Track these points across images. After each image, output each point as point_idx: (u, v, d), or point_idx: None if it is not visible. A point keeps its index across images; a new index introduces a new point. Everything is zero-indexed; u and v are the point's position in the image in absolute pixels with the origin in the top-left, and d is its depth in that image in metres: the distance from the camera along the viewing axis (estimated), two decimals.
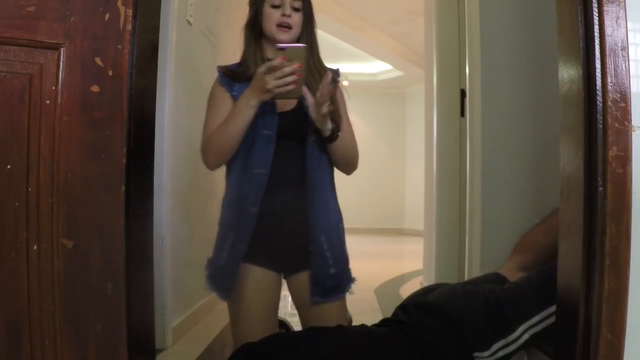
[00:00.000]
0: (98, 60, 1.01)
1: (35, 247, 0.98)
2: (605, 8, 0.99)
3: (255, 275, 1.46)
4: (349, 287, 1.51)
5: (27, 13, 0.99)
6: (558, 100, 1.12)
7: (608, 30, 0.99)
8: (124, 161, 1.01)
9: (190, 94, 2.49)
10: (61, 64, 1.00)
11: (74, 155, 1.00)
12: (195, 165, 2.63)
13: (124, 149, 1.01)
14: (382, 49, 6.29)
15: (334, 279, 1.47)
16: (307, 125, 1.43)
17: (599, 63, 0.99)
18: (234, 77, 1.48)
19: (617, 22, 0.99)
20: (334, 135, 1.40)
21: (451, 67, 2.68)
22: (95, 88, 1.01)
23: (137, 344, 1.06)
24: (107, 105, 1.01)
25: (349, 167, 1.52)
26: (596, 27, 1.00)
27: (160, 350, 2.11)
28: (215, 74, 1.53)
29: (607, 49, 0.99)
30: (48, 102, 0.99)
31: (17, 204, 0.98)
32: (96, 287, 1.00)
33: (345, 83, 1.56)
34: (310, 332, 1.34)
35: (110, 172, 1.01)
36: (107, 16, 1.01)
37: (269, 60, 1.39)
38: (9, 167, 0.97)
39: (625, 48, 0.99)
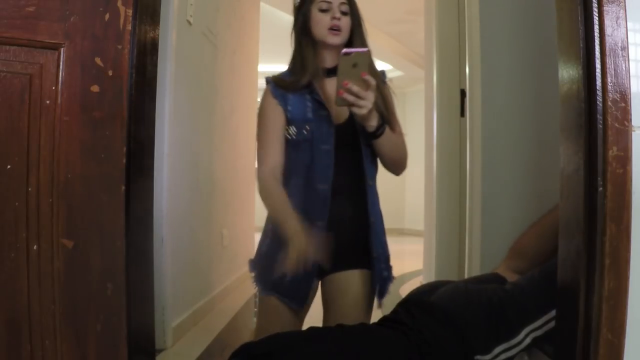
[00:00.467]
0: (98, 60, 1.01)
1: (35, 247, 0.98)
2: (605, 8, 0.99)
3: None
4: (390, 285, 1.56)
5: (27, 13, 0.99)
6: (558, 100, 1.12)
7: (608, 30, 0.99)
8: (124, 161, 1.01)
9: (190, 94, 2.49)
10: (61, 64, 1.00)
11: (74, 155, 1.00)
12: (195, 165, 2.63)
13: (124, 149, 1.01)
14: (382, 49, 6.29)
15: (385, 281, 1.53)
16: (361, 135, 1.44)
17: (599, 63, 0.99)
18: (287, 88, 1.48)
19: (617, 22, 0.99)
20: (378, 132, 1.39)
21: (451, 67, 2.68)
22: (95, 88, 1.00)
23: (137, 344, 1.06)
24: (107, 105, 1.01)
25: (397, 166, 1.52)
26: (596, 27, 1.00)
27: (160, 350, 2.11)
28: (215, 74, 1.54)
29: (607, 49, 0.99)
30: (48, 102, 0.99)
31: (17, 204, 0.98)
32: (96, 287, 1.00)
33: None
34: (311, 331, 1.33)
35: (110, 172, 1.00)
36: (107, 16, 1.01)
37: (325, 68, 1.41)
38: (9, 167, 0.97)
39: (625, 48, 0.99)
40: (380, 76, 1.53)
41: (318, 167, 1.44)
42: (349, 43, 1.49)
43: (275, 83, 1.50)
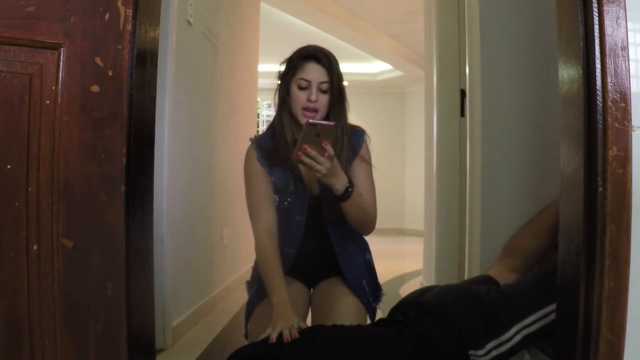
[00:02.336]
0: (98, 60, 1.01)
1: (35, 247, 0.98)
2: (605, 8, 0.99)
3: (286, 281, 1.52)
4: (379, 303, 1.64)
5: (27, 13, 0.99)
6: (558, 100, 1.12)
7: (608, 30, 0.99)
8: (124, 161, 1.01)
9: (190, 94, 2.49)
10: (61, 64, 1.00)
11: (74, 155, 1.00)
12: (195, 165, 2.63)
13: (124, 149, 1.01)
14: (382, 49, 6.29)
15: (374, 308, 1.60)
16: (327, 207, 1.50)
17: (599, 63, 0.99)
18: (270, 160, 1.52)
19: (617, 22, 0.99)
20: (344, 196, 1.41)
21: (451, 67, 2.68)
22: (95, 88, 1.01)
23: (137, 344, 1.06)
24: (107, 105, 1.01)
25: (362, 227, 1.54)
26: (596, 27, 1.00)
27: (160, 350, 2.11)
28: (215, 74, 1.54)
29: (607, 49, 0.99)
30: (48, 102, 0.99)
31: (17, 204, 0.98)
32: (96, 287, 1.00)
33: (345, 83, 1.56)
34: (306, 331, 1.34)
35: (110, 172, 1.01)
36: (107, 16, 1.01)
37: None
38: (9, 167, 0.97)
39: (625, 48, 0.99)
40: (354, 146, 1.54)
41: (289, 234, 1.53)
42: (326, 119, 1.50)
43: (261, 153, 1.53)
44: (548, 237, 1.71)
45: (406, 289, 3.33)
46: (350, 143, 1.53)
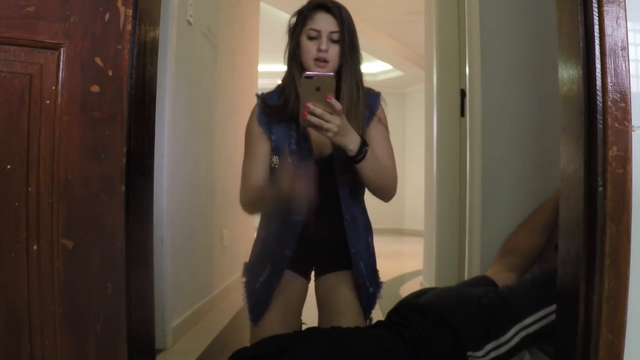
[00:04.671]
0: (98, 60, 1.01)
1: (35, 247, 0.98)
2: (605, 8, 0.99)
3: (286, 277, 1.49)
4: (378, 296, 1.57)
5: (27, 13, 0.99)
6: (558, 100, 1.12)
7: (608, 30, 0.99)
8: (124, 161, 1.01)
9: (190, 94, 2.49)
10: (61, 64, 1.00)
11: (74, 155, 1.00)
12: (195, 165, 2.63)
13: (124, 149, 1.01)
14: (382, 49, 6.29)
15: (371, 297, 1.53)
16: (340, 170, 1.43)
17: (599, 63, 0.99)
18: (273, 115, 1.45)
19: (617, 22, 0.99)
20: (358, 157, 1.33)
21: (451, 67, 2.68)
22: (95, 88, 1.01)
23: (137, 344, 1.06)
24: (107, 105, 1.01)
25: (383, 192, 1.46)
26: (596, 27, 1.00)
27: (160, 350, 2.11)
28: (215, 74, 1.54)
29: (607, 49, 0.99)
30: (48, 102, 0.99)
31: (17, 204, 0.98)
32: (96, 287, 1.00)
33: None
34: (304, 333, 1.34)
35: (110, 172, 1.00)
36: (107, 16, 1.01)
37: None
38: (9, 167, 0.97)
39: (625, 48, 0.99)
40: (370, 105, 1.48)
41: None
42: (339, 70, 1.45)
43: (263, 109, 1.47)
44: (544, 235, 1.72)
45: (406, 289, 3.33)
46: (366, 101, 1.47)
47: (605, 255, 0.97)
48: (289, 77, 1.48)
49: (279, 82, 1.53)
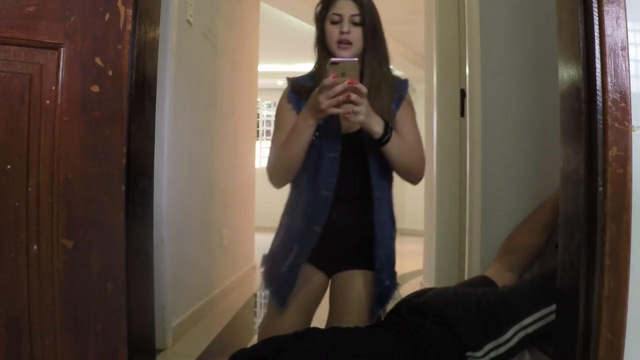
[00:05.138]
0: (98, 60, 1.01)
1: (35, 247, 0.98)
2: (605, 8, 0.99)
3: (306, 271, 1.51)
4: (394, 292, 1.58)
5: (27, 13, 0.99)
6: (558, 100, 1.11)
7: (608, 30, 0.99)
8: (124, 161, 1.01)
9: (190, 94, 2.49)
10: (61, 64, 1.00)
11: (74, 155, 1.00)
12: (195, 165, 2.63)
13: (124, 149, 1.01)
14: None
15: (388, 289, 1.54)
16: (368, 146, 1.45)
17: (599, 63, 0.99)
18: (302, 93, 1.50)
19: (617, 22, 0.99)
20: (384, 139, 1.37)
21: (451, 67, 2.68)
22: (95, 88, 1.00)
23: (137, 344, 1.06)
24: (107, 105, 1.01)
25: (410, 174, 1.50)
26: (596, 27, 1.00)
27: (160, 350, 2.11)
28: (215, 74, 1.54)
29: (607, 49, 0.99)
30: (48, 102, 0.99)
31: (17, 204, 0.98)
32: (96, 287, 1.00)
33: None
34: (304, 333, 1.34)
35: (110, 172, 1.00)
36: (107, 16, 1.01)
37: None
38: (9, 167, 0.97)
39: (625, 48, 0.99)
40: (400, 90, 1.53)
41: (323, 173, 1.46)
42: (363, 53, 1.49)
43: (293, 87, 1.52)
44: (544, 234, 1.72)
45: (406, 289, 3.33)
46: (393, 84, 1.51)
47: (605, 255, 0.97)
48: (317, 63, 1.54)
49: (279, 82, 1.56)
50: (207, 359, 2.06)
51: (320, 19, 1.51)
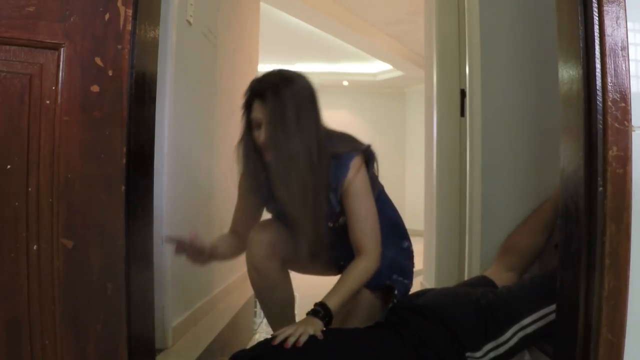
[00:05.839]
0: (98, 60, 1.01)
1: (35, 247, 0.98)
2: (605, 8, 0.99)
3: None
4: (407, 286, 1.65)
5: (27, 13, 0.99)
6: (558, 100, 1.11)
7: (608, 30, 0.99)
8: (124, 161, 1.01)
9: (190, 94, 2.49)
10: (61, 64, 1.00)
11: (74, 155, 1.00)
12: (195, 165, 2.63)
13: (124, 149, 1.01)
14: (382, 49, 6.28)
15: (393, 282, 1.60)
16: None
17: (599, 63, 0.99)
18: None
19: (617, 22, 0.99)
20: (331, 318, 1.35)
21: (451, 67, 2.67)
22: (95, 88, 1.00)
23: (137, 344, 1.06)
24: (107, 105, 1.01)
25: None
26: (596, 27, 1.00)
27: (160, 350, 2.11)
28: (215, 74, 1.55)
29: (607, 49, 0.99)
30: (48, 102, 0.99)
31: (17, 204, 0.98)
32: (96, 287, 1.00)
33: (345, 83, 1.56)
34: None
35: (110, 172, 1.00)
36: (107, 16, 1.01)
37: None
38: (9, 167, 0.97)
39: (625, 48, 0.99)
40: (337, 176, 1.49)
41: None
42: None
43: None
44: (544, 234, 1.72)
45: None
46: (331, 173, 1.47)
47: (605, 255, 0.97)
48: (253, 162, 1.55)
49: None
50: (207, 359, 2.06)
51: (247, 121, 1.50)
